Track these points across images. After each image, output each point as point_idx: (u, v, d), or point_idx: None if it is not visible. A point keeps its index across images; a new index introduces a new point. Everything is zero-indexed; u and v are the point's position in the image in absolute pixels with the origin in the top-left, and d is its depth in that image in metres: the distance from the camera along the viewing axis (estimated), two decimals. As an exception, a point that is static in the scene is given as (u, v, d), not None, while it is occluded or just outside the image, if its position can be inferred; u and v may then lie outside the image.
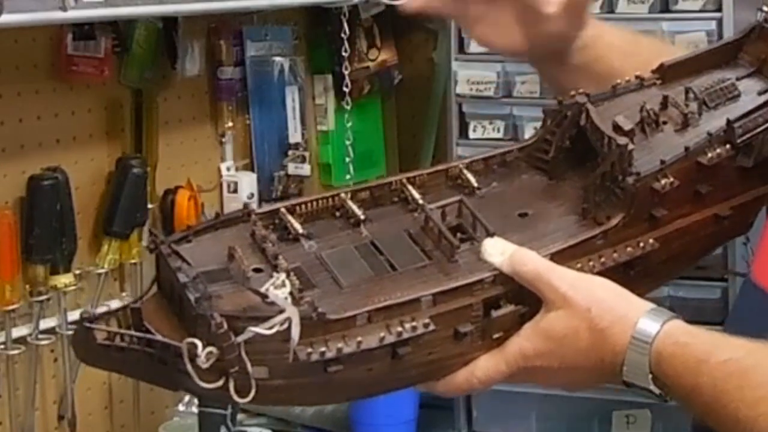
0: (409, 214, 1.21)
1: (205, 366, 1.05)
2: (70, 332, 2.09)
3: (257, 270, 1.12)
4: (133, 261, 2.26)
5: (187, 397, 2.35)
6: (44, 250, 2.08)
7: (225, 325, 1.04)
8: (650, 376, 1.09)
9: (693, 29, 2.33)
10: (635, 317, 1.10)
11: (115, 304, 2.16)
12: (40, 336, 2.11)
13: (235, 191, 2.52)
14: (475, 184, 1.24)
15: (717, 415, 1.06)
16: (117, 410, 2.32)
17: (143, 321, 1.11)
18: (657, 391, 1.09)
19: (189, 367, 1.04)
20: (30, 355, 2.11)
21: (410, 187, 1.22)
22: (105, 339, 1.10)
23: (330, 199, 1.21)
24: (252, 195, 2.53)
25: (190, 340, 1.05)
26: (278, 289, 1.08)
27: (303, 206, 1.20)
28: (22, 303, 2.07)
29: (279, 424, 2.48)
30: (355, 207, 1.20)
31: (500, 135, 2.53)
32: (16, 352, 2.07)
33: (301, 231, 1.17)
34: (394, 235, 1.19)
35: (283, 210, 1.19)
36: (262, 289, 1.08)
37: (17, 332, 2.07)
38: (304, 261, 1.15)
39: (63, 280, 2.12)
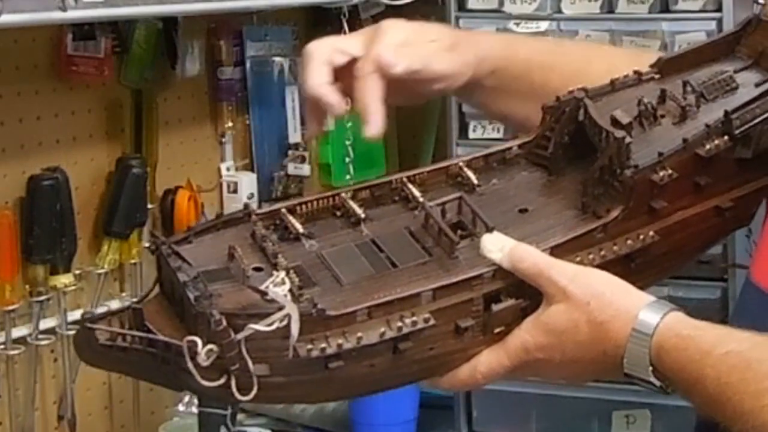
0: (410, 212, 1.21)
1: (205, 364, 1.05)
2: (70, 332, 2.10)
3: (257, 269, 1.12)
4: (133, 261, 2.26)
5: (186, 398, 2.35)
6: (44, 250, 2.08)
7: (224, 323, 1.04)
8: (651, 368, 1.09)
9: (693, 29, 2.32)
10: (635, 310, 1.10)
11: (115, 304, 2.18)
12: (40, 336, 2.11)
13: (235, 191, 2.52)
14: (475, 182, 1.24)
15: (721, 407, 1.06)
16: (117, 410, 2.32)
17: (145, 321, 1.11)
18: (657, 383, 1.09)
19: (190, 365, 1.05)
20: (30, 355, 2.11)
21: (411, 186, 1.22)
22: (107, 339, 1.11)
23: (330, 199, 1.21)
24: (252, 195, 2.53)
25: (190, 338, 1.05)
26: (278, 287, 1.08)
27: (303, 206, 1.20)
28: (22, 303, 2.07)
29: (279, 424, 2.48)
30: (355, 206, 1.20)
31: (500, 135, 2.52)
32: (16, 352, 2.07)
33: (301, 230, 1.18)
34: (395, 232, 1.19)
35: (283, 210, 1.19)
36: (262, 287, 1.08)
37: (17, 332, 2.08)
38: (304, 260, 1.15)
39: (63, 280, 2.12)
